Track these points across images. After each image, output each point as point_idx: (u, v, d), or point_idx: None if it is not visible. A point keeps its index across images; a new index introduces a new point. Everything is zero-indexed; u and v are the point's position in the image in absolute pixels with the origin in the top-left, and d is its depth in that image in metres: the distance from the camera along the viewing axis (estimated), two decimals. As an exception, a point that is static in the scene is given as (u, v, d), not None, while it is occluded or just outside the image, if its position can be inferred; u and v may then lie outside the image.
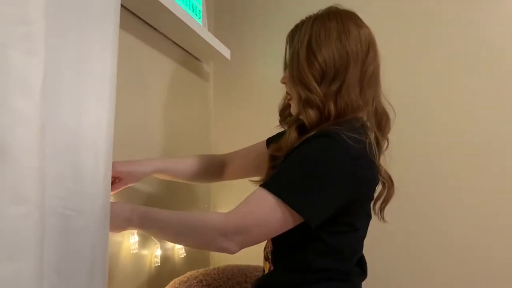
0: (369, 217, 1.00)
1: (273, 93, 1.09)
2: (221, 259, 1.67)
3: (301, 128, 0.97)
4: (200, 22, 1.51)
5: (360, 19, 0.98)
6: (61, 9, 0.75)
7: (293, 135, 0.96)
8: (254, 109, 1.77)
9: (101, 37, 0.82)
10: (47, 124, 0.69)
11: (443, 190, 1.58)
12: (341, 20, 0.95)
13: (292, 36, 1.00)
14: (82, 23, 0.79)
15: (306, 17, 0.99)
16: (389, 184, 0.99)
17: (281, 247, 0.96)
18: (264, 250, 1.05)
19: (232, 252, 0.87)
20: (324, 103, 0.91)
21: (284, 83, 1.01)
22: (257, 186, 0.89)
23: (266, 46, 1.78)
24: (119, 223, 0.92)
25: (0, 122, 0.57)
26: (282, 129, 1.09)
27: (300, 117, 0.97)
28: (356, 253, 0.99)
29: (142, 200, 1.24)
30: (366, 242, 1.00)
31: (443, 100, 1.60)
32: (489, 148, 1.55)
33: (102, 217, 0.83)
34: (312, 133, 0.90)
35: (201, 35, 1.41)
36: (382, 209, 1.01)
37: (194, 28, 1.36)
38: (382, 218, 1.01)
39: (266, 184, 0.86)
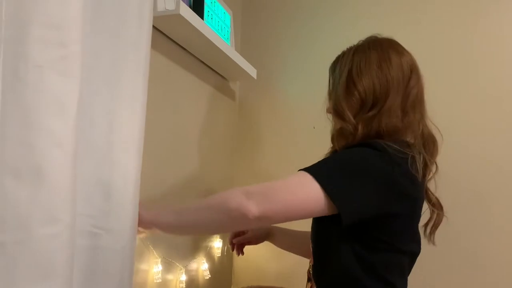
0: (418, 245, 0.95)
1: (298, 112, 1.08)
2: (244, 280, 1.65)
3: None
4: (228, 42, 1.53)
5: (401, 46, 0.99)
6: (96, 31, 0.77)
7: None
8: (279, 128, 1.77)
9: (134, 58, 0.84)
10: (79, 144, 0.70)
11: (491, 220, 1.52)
12: (381, 49, 0.96)
13: (334, 67, 1.02)
14: (116, 45, 0.81)
15: (347, 48, 1.01)
16: (438, 208, 0.96)
17: (321, 261, 0.94)
18: (307, 272, 1.03)
19: (251, 213, 0.79)
20: (356, 128, 0.91)
21: (329, 113, 1.02)
22: None
23: (291, 65, 1.79)
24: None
25: (36, 143, 0.58)
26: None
27: (335, 145, 0.97)
28: (400, 278, 0.94)
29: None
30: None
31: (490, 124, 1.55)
32: None
33: (130, 237, 0.83)
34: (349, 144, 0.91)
35: (229, 55, 1.43)
36: (431, 233, 0.97)
37: (222, 49, 1.37)
38: (432, 241, 0.97)
39: (306, 168, 0.84)
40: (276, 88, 1.81)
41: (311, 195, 0.80)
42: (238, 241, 1.23)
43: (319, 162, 0.87)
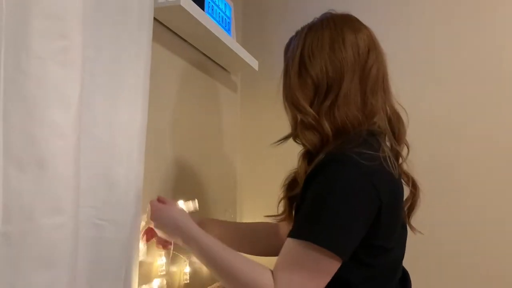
0: (404, 233, 0.94)
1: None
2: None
3: (309, 155, 0.90)
4: (229, 33, 1.52)
5: (358, 21, 0.91)
6: (97, 23, 0.77)
7: (303, 165, 0.90)
8: (281, 120, 1.76)
9: (135, 50, 0.84)
10: (82, 135, 0.71)
11: (465, 195, 1.55)
12: (335, 27, 0.88)
13: (287, 49, 0.94)
14: (117, 37, 0.81)
15: (301, 27, 0.93)
16: (414, 189, 0.93)
17: None
18: None
19: None
20: (318, 122, 0.85)
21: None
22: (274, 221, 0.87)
23: (294, 57, 1.78)
24: (165, 232, 0.91)
25: (39, 134, 0.59)
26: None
27: (299, 141, 0.92)
28: (396, 272, 0.93)
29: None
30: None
31: (464, 104, 1.57)
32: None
33: (133, 227, 0.83)
34: (320, 157, 0.83)
35: (230, 46, 1.42)
36: (409, 215, 0.94)
37: (223, 40, 1.37)
38: (409, 225, 0.95)
39: (294, 233, 0.80)
40: (279, 79, 1.80)
41: (325, 272, 0.78)
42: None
43: (303, 218, 0.81)
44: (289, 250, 0.80)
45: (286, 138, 0.98)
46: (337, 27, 0.88)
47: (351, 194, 0.79)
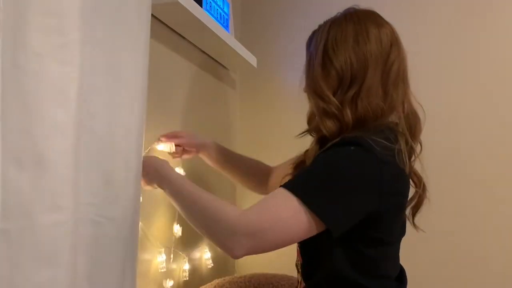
0: (403, 230, 0.95)
1: (299, 101, 1.07)
2: (247, 268, 1.66)
3: (323, 140, 0.92)
4: (227, 30, 1.52)
5: (381, 17, 0.93)
6: (95, 19, 0.76)
7: (315, 148, 0.93)
8: (280, 117, 1.77)
9: (134, 46, 0.84)
10: (80, 132, 0.71)
11: (478, 194, 1.55)
12: (358, 21, 0.90)
13: (309, 42, 0.96)
14: (115, 34, 0.80)
15: (324, 22, 0.95)
16: (421, 188, 0.94)
17: (310, 258, 0.92)
18: (295, 265, 1.01)
19: (235, 255, 0.79)
20: (341, 111, 0.87)
21: (306, 92, 0.97)
22: None
23: (292, 54, 1.77)
24: (145, 180, 0.93)
25: (37, 131, 0.58)
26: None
27: (315, 132, 0.94)
28: (393, 268, 0.94)
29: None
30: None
31: (477, 102, 1.57)
32: None
33: (132, 224, 0.83)
34: (335, 140, 0.86)
35: (229, 43, 1.42)
36: (413, 214, 0.95)
37: (221, 37, 1.36)
38: (413, 223, 0.96)
39: (288, 185, 0.81)
40: (277, 76, 1.81)
41: (304, 224, 0.78)
42: (169, 139, 1.16)
43: (302, 175, 0.84)
44: (274, 194, 0.81)
45: (310, 130, 1.00)
46: (361, 21, 0.90)
47: (356, 174, 0.80)
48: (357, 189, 0.80)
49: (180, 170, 1.23)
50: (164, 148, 1.16)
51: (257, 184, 1.24)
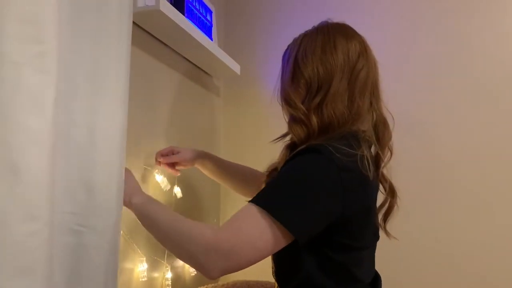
0: (376, 236, 0.96)
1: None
2: (229, 275, 1.65)
3: (293, 147, 0.95)
4: (210, 38, 1.53)
5: (351, 29, 0.97)
6: (75, 27, 0.76)
7: (285, 154, 0.95)
8: (263, 123, 1.77)
9: (115, 54, 0.83)
10: (60, 141, 0.70)
11: (450, 200, 1.57)
12: (327, 33, 0.95)
13: (284, 55, 1.02)
14: (96, 41, 0.80)
15: (298, 35, 1.00)
16: (390, 195, 0.96)
17: (282, 266, 0.93)
18: (272, 271, 1.01)
19: (212, 276, 0.80)
20: (307, 116, 0.91)
21: (279, 101, 1.01)
22: None
23: (275, 61, 1.77)
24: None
25: (12, 140, 0.58)
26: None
27: (291, 135, 0.97)
28: (366, 273, 0.95)
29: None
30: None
31: (445, 106, 1.60)
32: (493, 153, 1.54)
33: (114, 234, 0.82)
34: (302, 147, 0.88)
35: (212, 51, 1.43)
36: (385, 221, 0.97)
37: (204, 44, 1.37)
38: (384, 230, 0.98)
39: (254, 199, 0.83)
40: (260, 83, 1.81)
41: (272, 236, 0.79)
42: (167, 161, 1.22)
43: (266, 189, 0.86)
44: (244, 211, 0.83)
45: (284, 136, 1.04)
46: (330, 33, 0.95)
47: (317, 181, 0.82)
48: (319, 196, 0.82)
49: (177, 189, 1.32)
50: (161, 183, 1.23)
51: (255, 190, 1.23)
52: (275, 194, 0.83)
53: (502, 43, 1.57)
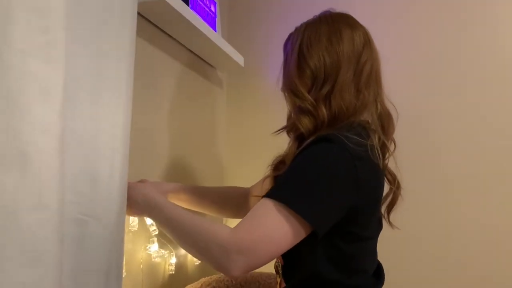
0: (380, 225, 0.97)
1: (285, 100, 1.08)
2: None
3: (301, 139, 0.94)
4: (214, 29, 1.52)
5: (354, 19, 0.97)
6: (80, 18, 0.76)
7: (293, 147, 0.94)
8: (267, 116, 1.77)
9: (119, 45, 0.83)
10: (65, 130, 0.70)
11: (451, 192, 1.58)
12: (332, 22, 0.94)
13: (286, 44, 1.00)
14: (100, 32, 0.80)
15: (300, 24, 0.98)
16: (395, 186, 0.96)
17: (289, 257, 0.92)
18: (274, 266, 1.01)
19: (233, 275, 0.79)
20: (315, 107, 0.90)
21: (283, 92, 0.99)
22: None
23: (280, 53, 1.77)
24: (135, 209, 0.92)
25: (21, 129, 0.58)
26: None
27: (292, 132, 0.96)
28: (370, 264, 0.95)
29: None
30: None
31: (451, 101, 1.60)
32: (498, 149, 1.54)
33: (117, 223, 0.83)
34: (311, 139, 0.87)
35: (216, 42, 1.42)
36: (388, 212, 0.98)
37: (208, 36, 1.36)
38: (388, 221, 0.98)
39: (269, 194, 0.82)
40: (264, 75, 1.81)
41: (291, 229, 0.78)
42: None
43: (281, 182, 0.84)
44: (259, 207, 0.81)
45: (286, 127, 1.01)
46: (335, 22, 0.94)
47: (333, 172, 0.82)
48: (336, 186, 0.82)
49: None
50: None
51: (238, 208, 1.19)
52: (290, 186, 0.82)
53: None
